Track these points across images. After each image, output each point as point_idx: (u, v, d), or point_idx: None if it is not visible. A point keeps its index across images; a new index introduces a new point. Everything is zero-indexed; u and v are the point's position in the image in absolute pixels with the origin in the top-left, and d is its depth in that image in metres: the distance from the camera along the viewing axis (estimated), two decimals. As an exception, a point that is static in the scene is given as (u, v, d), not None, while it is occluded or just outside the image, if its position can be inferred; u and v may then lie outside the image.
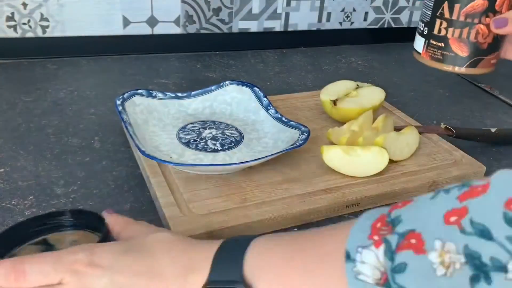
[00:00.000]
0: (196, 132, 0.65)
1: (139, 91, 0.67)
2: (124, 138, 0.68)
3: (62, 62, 0.93)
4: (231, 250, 0.37)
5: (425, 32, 0.60)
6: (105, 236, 0.45)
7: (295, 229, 0.53)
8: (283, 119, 0.66)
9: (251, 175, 0.58)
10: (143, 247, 0.38)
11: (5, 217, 0.51)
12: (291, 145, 0.60)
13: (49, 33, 0.93)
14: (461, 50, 0.58)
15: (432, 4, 0.59)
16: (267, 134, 0.66)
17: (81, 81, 0.86)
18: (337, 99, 0.72)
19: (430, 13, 0.59)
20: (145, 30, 0.99)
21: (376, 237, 0.31)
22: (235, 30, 1.07)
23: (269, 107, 0.69)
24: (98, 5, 0.93)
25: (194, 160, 0.59)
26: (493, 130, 0.73)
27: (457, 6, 0.55)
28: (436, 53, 0.59)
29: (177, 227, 0.48)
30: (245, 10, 1.06)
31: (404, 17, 1.23)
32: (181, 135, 0.64)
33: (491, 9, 0.47)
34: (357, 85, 0.77)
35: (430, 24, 0.59)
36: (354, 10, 1.17)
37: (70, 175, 0.59)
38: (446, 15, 0.57)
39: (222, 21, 1.05)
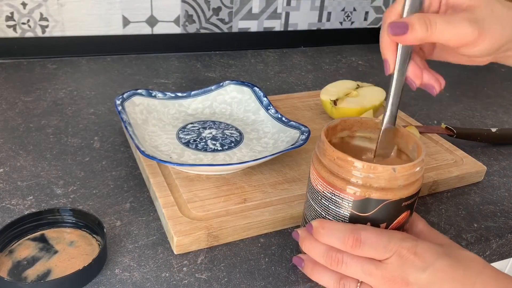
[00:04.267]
0: (196, 132, 0.65)
1: (139, 91, 0.67)
2: (124, 138, 0.68)
3: (61, 62, 0.93)
4: None
5: None
6: (105, 242, 0.46)
7: (295, 229, 0.53)
8: (283, 119, 0.66)
9: (251, 175, 0.58)
10: (459, 257, 0.40)
11: (5, 217, 0.51)
12: (291, 145, 0.60)
13: (49, 33, 0.93)
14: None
15: None
16: (267, 134, 0.66)
17: (81, 81, 0.86)
18: (337, 99, 0.72)
19: None
20: (145, 30, 0.99)
21: None
22: (235, 30, 1.07)
23: (269, 107, 0.68)
24: (98, 5, 0.93)
25: (194, 160, 0.59)
26: (493, 130, 0.73)
27: None
28: None
29: (177, 227, 0.48)
30: (245, 9, 1.05)
31: (404, 17, 1.23)
32: (181, 135, 0.64)
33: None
34: (358, 85, 0.77)
35: None
36: (354, 9, 1.16)
37: (69, 175, 0.59)
38: None
39: (222, 20, 1.05)
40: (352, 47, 1.19)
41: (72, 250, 0.46)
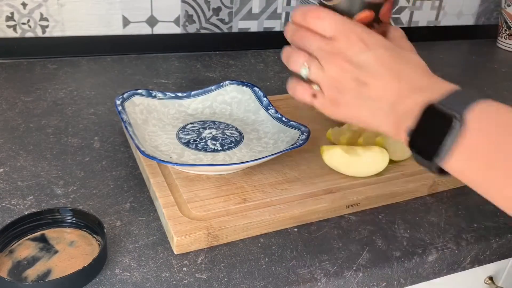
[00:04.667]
0: (196, 132, 0.65)
1: (139, 91, 0.67)
2: (124, 138, 0.68)
3: (62, 62, 0.93)
4: (466, 94, 0.39)
5: None
6: (106, 242, 0.46)
7: (295, 229, 0.53)
8: (283, 119, 0.66)
9: (251, 175, 0.58)
10: (404, 54, 0.44)
11: (5, 217, 0.51)
12: (291, 145, 0.60)
13: (49, 33, 0.93)
14: None
15: None
16: (267, 134, 0.66)
17: (81, 81, 0.86)
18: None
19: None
20: (145, 30, 0.99)
21: None
22: (235, 30, 1.07)
23: (269, 107, 0.68)
24: (98, 5, 0.93)
25: (194, 160, 0.59)
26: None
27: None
28: None
29: (177, 227, 0.48)
30: (245, 10, 1.05)
31: (404, 17, 1.23)
32: (181, 135, 0.64)
33: (376, 20, 0.47)
34: None
35: None
36: (354, 10, 1.16)
37: (69, 175, 0.59)
38: None
39: (222, 21, 1.05)
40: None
41: (72, 250, 0.46)
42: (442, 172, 0.39)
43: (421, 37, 1.27)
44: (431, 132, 0.38)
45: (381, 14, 0.46)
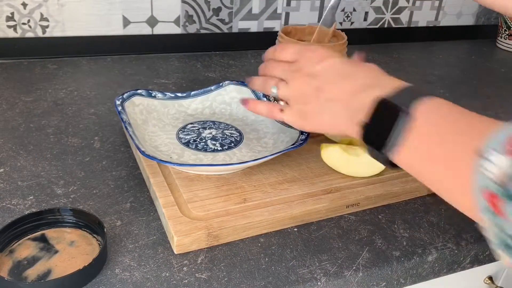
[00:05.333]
0: (195, 132, 0.65)
1: (139, 91, 0.67)
2: (124, 138, 0.68)
3: (62, 62, 0.93)
4: (414, 90, 0.41)
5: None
6: (106, 242, 0.46)
7: (295, 229, 0.53)
8: (283, 119, 0.66)
9: (251, 175, 0.58)
10: (355, 61, 0.49)
11: (5, 217, 0.51)
12: (291, 145, 0.60)
13: (49, 33, 0.93)
14: None
15: None
16: (267, 134, 0.66)
17: (81, 81, 0.86)
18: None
19: None
20: (145, 30, 0.99)
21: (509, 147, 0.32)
22: (235, 30, 1.07)
23: (269, 107, 0.68)
24: (98, 5, 0.93)
25: (194, 160, 0.59)
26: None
27: None
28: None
29: (177, 227, 0.48)
30: (245, 10, 1.06)
31: (404, 17, 1.23)
32: (181, 135, 0.64)
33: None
34: None
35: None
36: (354, 10, 1.16)
37: (70, 175, 0.59)
38: None
39: (222, 21, 1.05)
40: (351, 47, 1.18)
41: (72, 250, 0.46)
42: (393, 165, 0.41)
43: (421, 37, 1.27)
44: (380, 125, 0.40)
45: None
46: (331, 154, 0.59)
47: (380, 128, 0.40)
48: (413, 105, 0.38)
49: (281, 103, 0.53)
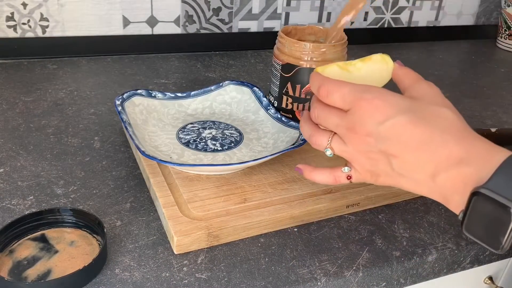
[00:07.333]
0: (195, 132, 0.65)
1: (139, 91, 0.67)
2: (124, 138, 0.68)
3: (62, 62, 0.93)
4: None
5: (275, 105, 0.69)
6: (106, 242, 0.46)
7: (295, 229, 0.53)
8: (283, 119, 0.66)
9: (251, 175, 0.58)
10: (426, 113, 0.39)
11: (5, 217, 0.51)
12: (291, 145, 0.60)
13: (49, 33, 0.93)
14: None
15: (278, 83, 0.67)
16: (267, 134, 0.66)
17: (81, 81, 0.86)
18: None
19: (278, 90, 0.68)
20: (145, 30, 0.99)
21: None
22: (235, 30, 1.07)
23: (268, 107, 0.69)
24: (98, 5, 0.93)
25: (194, 160, 0.59)
26: (493, 130, 0.73)
27: (298, 87, 0.65)
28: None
29: (177, 227, 0.48)
30: (245, 10, 1.06)
31: (404, 17, 1.23)
32: (181, 135, 0.64)
33: None
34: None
35: (278, 99, 0.68)
36: (354, 10, 1.16)
37: (70, 175, 0.59)
38: (290, 93, 0.66)
39: (222, 21, 1.05)
40: (351, 47, 1.18)
41: (72, 250, 0.46)
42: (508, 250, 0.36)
43: (421, 37, 1.27)
44: (485, 221, 0.35)
45: None
46: (329, 75, 0.52)
47: (487, 225, 0.35)
48: None
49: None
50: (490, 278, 0.65)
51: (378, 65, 0.50)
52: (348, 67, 0.49)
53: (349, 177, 0.44)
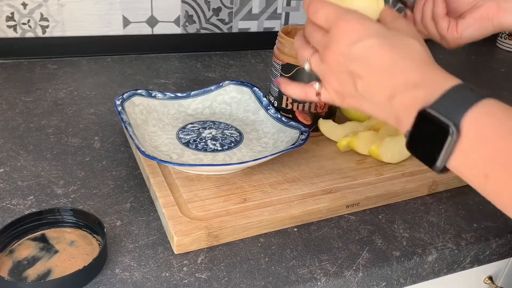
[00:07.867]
0: (195, 132, 0.65)
1: (139, 91, 0.67)
2: (124, 138, 0.68)
3: (62, 62, 0.93)
4: (463, 93, 0.38)
5: (275, 105, 0.69)
6: (106, 242, 0.46)
7: (295, 229, 0.53)
8: (283, 119, 0.66)
9: (251, 175, 0.58)
10: (397, 41, 0.41)
11: (5, 217, 0.51)
12: (291, 145, 0.60)
13: (49, 33, 0.93)
14: (305, 120, 0.67)
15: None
16: (267, 134, 0.66)
17: (81, 81, 0.86)
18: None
19: (278, 90, 0.67)
20: (145, 30, 0.99)
21: None
22: (235, 30, 1.07)
23: (268, 107, 0.69)
24: (98, 5, 0.93)
25: (194, 160, 0.59)
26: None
27: None
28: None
29: (177, 227, 0.48)
30: (245, 10, 1.06)
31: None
32: (181, 135, 0.64)
33: None
34: None
35: (278, 99, 0.68)
36: (354, 10, 1.16)
37: (70, 175, 0.59)
38: None
39: (222, 21, 1.05)
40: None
41: (72, 250, 0.46)
42: (442, 170, 0.38)
43: (421, 37, 1.27)
44: (426, 139, 0.37)
45: None
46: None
47: (426, 143, 0.37)
48: (463, 117, 0.35)
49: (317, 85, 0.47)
50: (490, 278, 0.65)
51: (368, 3, 0.51)
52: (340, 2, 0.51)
53: (318, 94, 0.46)
